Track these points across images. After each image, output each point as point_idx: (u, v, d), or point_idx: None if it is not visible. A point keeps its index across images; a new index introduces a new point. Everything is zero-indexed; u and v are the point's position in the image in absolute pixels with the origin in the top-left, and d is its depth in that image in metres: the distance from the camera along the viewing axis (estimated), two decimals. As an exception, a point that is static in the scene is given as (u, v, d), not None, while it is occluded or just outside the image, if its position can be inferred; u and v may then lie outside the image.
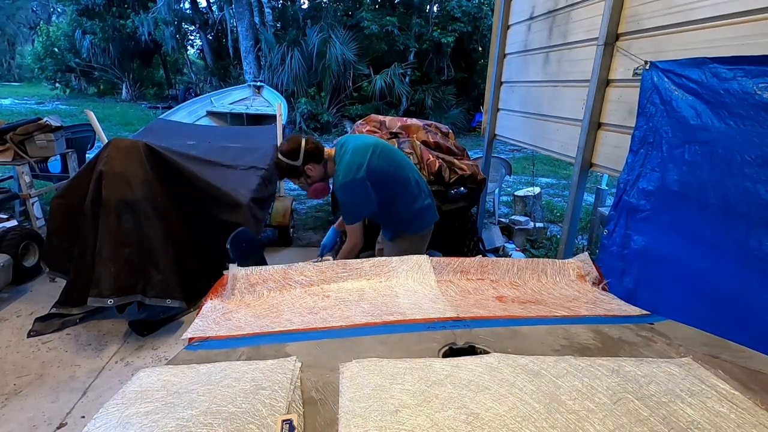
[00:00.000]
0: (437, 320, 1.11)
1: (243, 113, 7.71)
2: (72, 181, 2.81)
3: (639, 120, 2.08)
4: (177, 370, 0.82)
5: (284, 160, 2.11)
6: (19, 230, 3.33)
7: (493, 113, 4.09)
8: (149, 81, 18.72)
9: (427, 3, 13.71)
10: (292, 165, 2.10)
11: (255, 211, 3.31)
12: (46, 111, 12.87)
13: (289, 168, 2.12)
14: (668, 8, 2.01)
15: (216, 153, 3.87)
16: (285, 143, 2.13)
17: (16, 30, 25.03)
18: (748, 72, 1.55)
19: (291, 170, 2.13)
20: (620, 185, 2.18)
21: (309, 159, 2.11)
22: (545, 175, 7.97)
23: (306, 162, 2.11)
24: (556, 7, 2.98)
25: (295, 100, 11.79)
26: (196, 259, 2.99)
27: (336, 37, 11.74)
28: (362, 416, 0.67)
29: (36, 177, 4.23)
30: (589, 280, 1.47)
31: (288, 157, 2.10)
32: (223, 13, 14.97)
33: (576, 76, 2.74)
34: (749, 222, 1.54)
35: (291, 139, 2.13)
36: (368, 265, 1.46)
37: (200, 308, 1.22)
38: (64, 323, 2.77)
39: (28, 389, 2.25)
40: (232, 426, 0.64)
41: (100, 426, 0.67)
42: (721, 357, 0.89)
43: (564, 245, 2.89)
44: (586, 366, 0.81)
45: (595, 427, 0.65)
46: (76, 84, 18.20)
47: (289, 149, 2.10)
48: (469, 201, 3.49)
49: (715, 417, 0.68)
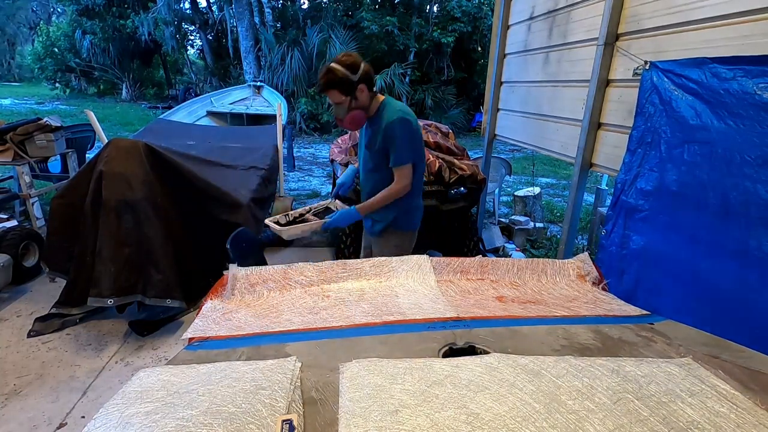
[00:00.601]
0: (437, 320, 1.11)
1: (243, 113, 7.71)
2: (72, 181, 2.81)
3: (637, 120, 2.08)
4: (177, 370, 0.82)
5: (341, 69, 1.86)
6: (19, 230, 3.33)
7: (493, 113, 4.09)
8: (149, 81, 18.73)
9: (427, 3, 13.71)
10: (349, 78, 1.87)
11: (255, 211, 3.31)
12: (46, 111, 12.87)
13: (344, 80, 1.87)
14: (668, 8, 2.01)
15: (216, 153, 3.87)
16: (343, 55, 1.92)
17: (16, 30, 25.04)
18: (748, 72, 1.55)
19: (344, 83, 1.87)
20: (618, 185, 2.18)
21: (364, 80, 1.91)
22: (545, 175, 7.97)
23: (360, 81, 1.90)
24: (556, 7, 2.98)
25: (295, 100, 11.79)
26: (196, 259, 2.99)
27: (336, 37, 11.75)
28: (362, 416, 0.67)
29: (36, 177, 4.23)
30: (589, 280, 1.47)
31: (347, 68, 1.86)
32: (223, 13, 14.97)
33: (576, 76, 2.74)
34: (749, 222, 1.54)
35: (350, 54, 1.93)
36: (368, 265, 1.46)
37: (200, 308, 1.22)
38: (64, 323, 2.77)
39: (28, 389, 2.25)
40: (232, 426, 0.64)
41: (100, 426, 0.67)
42: (721, 357, 0.89)
43: (564, 245, 2.89)
44: (586, 366, 0.81)
45: (595, 427, 0.65)
46: (76, 84, 18.21)
47: (351, 62, 1.88)
48: (469, 201, 3.49)
49: (715, 417, 0.68)
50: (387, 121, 1.94)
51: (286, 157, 6.67)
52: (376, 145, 2.00)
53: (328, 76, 1.87)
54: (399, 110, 1.96)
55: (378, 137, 1.98)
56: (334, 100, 1.92)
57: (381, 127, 1.95)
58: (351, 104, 1.93)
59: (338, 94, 1.90)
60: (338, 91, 1.89)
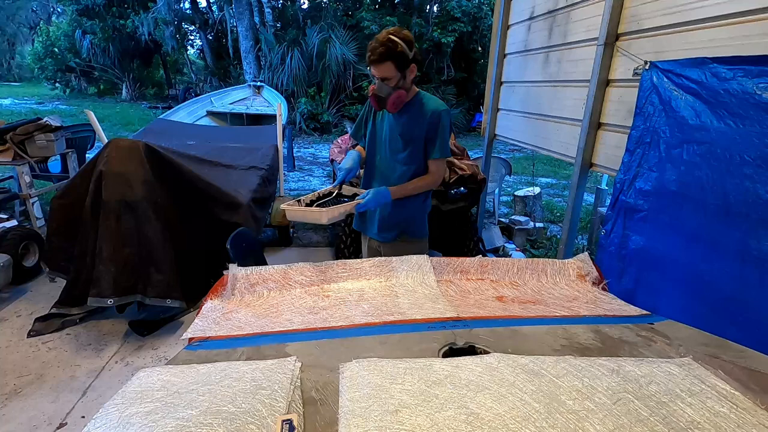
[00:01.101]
0: (437, 320, 1.11)
1: (243, 113, 7.71)
2: (72, 181, 2.81)
3: (636, 120, 2.08)
4: (177, 370, 0.82)
5: (401, 42, 1.74)
6: (19, 230, 3.33)
7: (493, 113, 4.09)
8: (149, 81, 18.73)
9: (427, 3, 13.72)
10: (406, 52, 1.76)
11: (255, 211, 3.31)
12: (46, 111, 12.87)
13: (403, 54, 1.75)
14: (668, 8, 2.01)
15: (216, 153, 3.87)
16: (397, 29, 1.79)
17: (16, 30, 25.03)
18: (748, 72, 1.55)
19: (402, 57, 1.76)
20: (617, 185, 2.18)
21: (415, 60, 1.83)
22: (545, 175, 7.97)
23: (413, 60, 1.81)
24: (556, 7, 2.98)
25: (295, 100, 11.79)
26: (196, 259, 2.99)
27: (336, 37, 11.75)
28: (362, 416, 0.66)
29: (36, 177, 4.22)
30: (589, 280, 1.47)
31: (405, 43, 1.75)
32: (223, 13, 14.97)
33: (576, 76, 2.74)
34: (748, 222, 1.54)
35: (403, 29, 1.81)
36: (368, 265, 1.46)
37: (200, 308, 1.22)
38: (64, 323, 2.77)
39: (28, 389, 2.25)
40: (232, 426, 0.64)
41: (100, 426, 0.67)
42: (721, 357, 0.89)
43: (564, 245, 2.89)
44: (586, 366, 0.81)
45: (595, 427, 0.65)
46: (76, 84, 18.21)
47: (408, 37, 1.78)
48: (469, 201, 3.49)
49: (715, 417, 0.68)
50: (434, 110, 1.86)
51: (286, 157, 6.67)
52: (413, 133, 1.89)
53: (388, 45, 1.72)
54: (441, 102, 1.91)
55: (419, 125, 1.87)
56: (384, 74, 1.76)
57: (425, 115, 1.86)
58: (398, 82, 1.80)
59: (392, 68, 1.76)
60: (393, 64, 1.75)
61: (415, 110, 1.88)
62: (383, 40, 1.72)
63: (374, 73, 1.78)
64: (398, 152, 1.94)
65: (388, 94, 1.80)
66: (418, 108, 1.87)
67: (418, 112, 1.87)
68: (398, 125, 1.91)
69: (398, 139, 1.92)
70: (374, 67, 1.76)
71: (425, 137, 1.88)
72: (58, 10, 22.19)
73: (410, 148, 1.92)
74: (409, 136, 1.89)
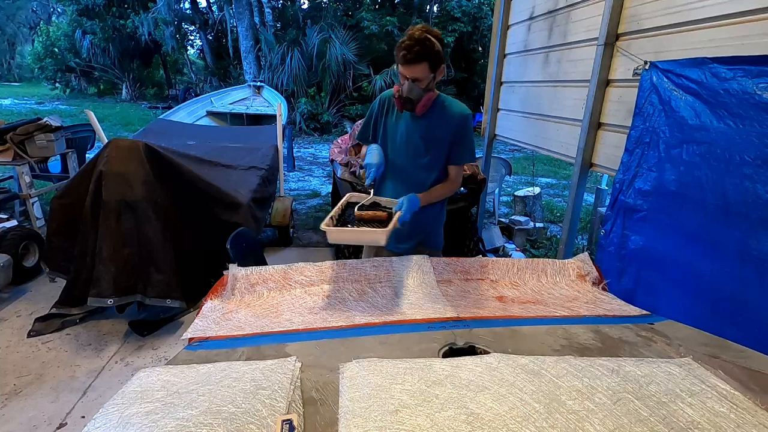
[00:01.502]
0: (437, 320, 1.11)
1: (243, 113, 7.72)
2: (72, 181, 2.81)
3: (635, 120, 2.08)
4: (177, 370, 0.82)
5: (437, 42, 1.62)
6: (19, 230, 3.32)
7: (493, 113, 4.09)
8: (149, 81, 18.74)
9: (427, 3, 13.73)
10: (441, 53, 1.65)
11: (255, 211, 3.31)
12: (46, 111, 12.87)
13: (438, 55, 1.64)
14: (668, 8, 2.01)
15: (216, 153, 3.87)
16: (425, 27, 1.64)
17: (16, 30, 25.04)
18: (748, 72, 1.55)
19: (437, 58, 1.64)
20: (616, 185, 2.19)
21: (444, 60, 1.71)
22: (545, 175, 7.97)
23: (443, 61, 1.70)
24: (556, 7, 2.98)
25: (295, 100, 11.80)
26: (196, 259, 2.99)
27: (336, 37, 11.75)
28: (362, 416, 0.66)
29: (36, 177, 4.22)
30: (589, 280, 1.47)
31: (439, 42, 1.64)
32: (223, 13, 14.98)
33: (576, 76, 2.74)
34: (748, 222, 1.54)
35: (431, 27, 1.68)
36: (368, 265, 1.46)
37: (200, 308, 1.22)
38: (64, 323, 2.76)
39: (28, 389, 2.25)
40: (232, 426, 0.64)
41: (100, 426, 0.67)
42: (721, 357, 0.89)
43: (564, 245, 2.89)
44: (586, 366, 0.81)
45: (595, 427, 0.65)
46: (76, 84, 18.22)
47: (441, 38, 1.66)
48: (469, 201, 3.49)
49: (715, 417, 0.68)
50: (461, 113, 1.77)
51: (286, 157, 6.67)
52: (437, 137, 1.77)
53: (426, 44, 1.58)
54: (465, 106, 1.82)
55: (444, 128, 1.76)
56: (418, 74, 1.62)
57: (451, 118, 1.76)
58: (429, 84, 1.68)
59: (426, 69, 1.62)
60: (428, 65, 1.62)
61: (439, 113, 1.76)
62: (420, 38, 1.57)
63: (406, 73, 1.62)
64: (419, 157, 1.81)
65: (419, 96, 1.66)
66: (440, 111, 1.76)
67: (441, 114, 1.76)
68: (419, 128, 1.77)
69: (419, 143, 1.79)
70: (408, 67, 1.61)
71: (451, 141, 1.78)
72: (58, 10, 22.19)
73: (433, 152, 1.80)
74: (432, 139, 1.78)
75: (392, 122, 1.82)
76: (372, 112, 1.89)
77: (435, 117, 1.75)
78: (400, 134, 1.80)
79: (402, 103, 1.70)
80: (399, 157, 1.83)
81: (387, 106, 1.83)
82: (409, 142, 1.80)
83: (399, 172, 1.84)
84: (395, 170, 1.85)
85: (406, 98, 1.66)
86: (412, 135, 1.78)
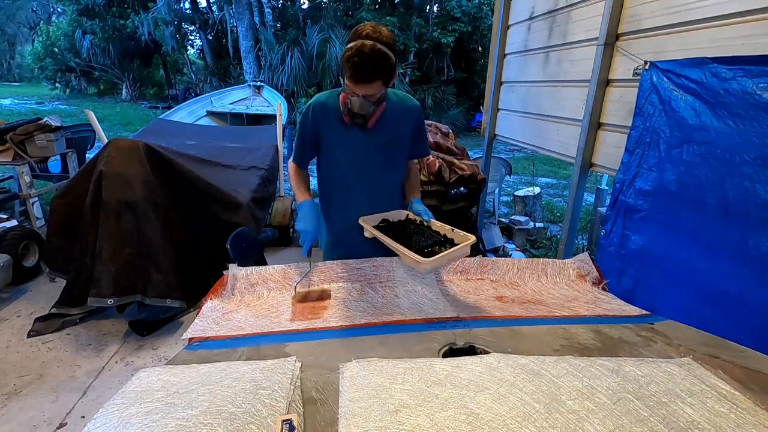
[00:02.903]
0: (437, 320, 1.11)
1: (243, 113, 7.71)
2: (72, 181, 2.81)
3: (636, 120, 2.08)
4: (177, 370, 0.82)
5: (391, 55, 1.38)
6: (19, 230, 3.32)
7: (493, 113, 4.09)
8: (149, 81, 18.74)
9: (427, 3, 13.72)
10: (395, 64, 1.42)
11: (255, 211, 3.31)
12: (46, 111, 12.86)
13: (393, 68, 1.41)
14: (668, 8, 2.01)
15: (216, 153, 3.87)
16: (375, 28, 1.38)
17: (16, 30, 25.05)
18: (748, 72, 1.55)
19: (392, 70, 1.41)
20: (617, 185, 2.18)
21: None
22: (545, 175, 7.97)
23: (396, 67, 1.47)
24: (556, 7, 2.98)
25: (295, 100, 11.79)
26: (196, 259, 2.99)
27: (336, 37, 11.74)
28: (362, 416, 0.66)
29: (36, 177, 4.22)
30: (589, 280, 1.47)
31: (393, 51, 1.39)
32: (223, 13, 14.97)
33: (576, 76, 2.74)
34: (748, 222, 1.54)
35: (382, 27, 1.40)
36: (368, 265, 1.46)
37: (200, 308, 1.22)
38: (64, 323, 2.76)
39: (28, 389, 2.25)
40: (232, 426, 0.64)
41: (100, 426, 0.67)
42: (721, 357, 0.89)
43: (564, 245, 2.89)
44: (586, 366, 0.81)
45: (595, 427, 0.65)
46: (76, 84, 18.21)
47: (394, 43, 1.41)
48: (469, 201, 3.49)
49: (715, 417, 0.68)
50: (415, 105, 1.64)
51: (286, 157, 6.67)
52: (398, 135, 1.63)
53: (380, 62, 1.35)
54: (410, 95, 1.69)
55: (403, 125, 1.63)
56: (370, 92, 1.41)
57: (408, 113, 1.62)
58: (382, 96, 1.49)
59: (380, 85, 1.41)
60: (382, 81, 1.40)
61: (393, 114, 1.58)
62: (371, 53, 1.33)
63: (356, 90, 1.41)
64: (386, 162, 1.65)
65: (372, 111, 1.48)
66: (394, 110, 1.59)
67: (397, 114, 1.60)
68: (377, 135, 1.58)
69: (382, 151, 1.62)
70: (362, 86, 1.39)
71: (411, 136, 1.67)
72: (58, 10, 22.19)
73: (397, 153, 1.67)
74: (394, 143, 1.63)
75: (339, 134, 1.59)
76: (305, 130, 1.63)
77: (391, 119, 1.58)
78: (355, 146, 1.60)
79: (351, 118, 1.50)
80: (362, 169, 1.64)
81: (323, 117, 1.58)
82: (369, 152, 1.61)
83: (368, 184, 1.66)
84: (362, 183, 1.65)
85: (358, 114, 1.47)
86: (371, 144, 1.60)
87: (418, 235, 1.45)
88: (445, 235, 1.42)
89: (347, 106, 1.48)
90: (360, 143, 1.59)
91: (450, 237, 1.39)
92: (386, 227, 1.52)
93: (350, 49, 1.35)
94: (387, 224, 1.55)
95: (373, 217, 1.54)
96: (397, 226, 1.54)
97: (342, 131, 1.58)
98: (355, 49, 1.33)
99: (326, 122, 1.58)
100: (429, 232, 1.46)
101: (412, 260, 1.20)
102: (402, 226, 1.55)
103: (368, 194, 1.66)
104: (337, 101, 1.54)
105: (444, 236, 1.42)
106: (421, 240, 1.40)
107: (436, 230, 1.46)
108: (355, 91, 1.42)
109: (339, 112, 1.54)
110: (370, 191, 1.66)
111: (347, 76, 1.38)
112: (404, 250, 1.24)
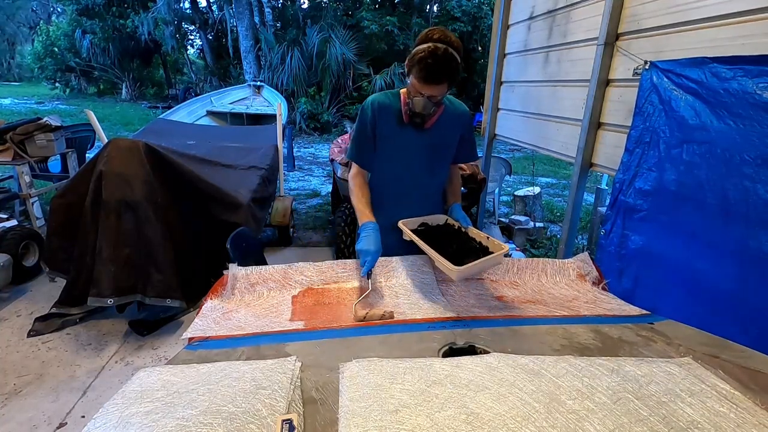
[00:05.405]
0: (437, 320, 1.11)
1: (243, 113, 7.71)
2: (72, 181, 2.81)
3: (635, 119, 2.08)
4: (177, 370, 0.82)
5: (459, 59, 1.45)
6: (19, 230, 3.32)
7: (493, 113, 4.08)
8: (149, 81, 18.74)
9: (427, 3, 13.74)
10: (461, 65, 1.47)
11: (255, 211, 3.30)
12: (46, 111, 12.86)
13: (459, 70, 1.47)
14: (668, 8, 2.01)
15: (216, 153, 3.87)
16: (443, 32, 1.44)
17: (16, 30, 25.05)
18: (748, 72, 1.55)
19: (459, 73, 1.48)
20: (616, 185, 2.18)
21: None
22: (545, 175, 7.97)
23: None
24: (556, 7, 2.98)
25: (295, 99, 11.80)
26: (196, 258, 2.99)
27: (336, 37, 11.75)
28: (362, 416, 0.66)
29: (36, 177, 4.22)
30: (589, 279, 1.47)
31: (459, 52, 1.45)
32: (223, 13, 14.98)
33: (576, 75, 2.74)
34: (748, 222, 1.54)
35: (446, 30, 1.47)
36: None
37: (200, 308, 1.22)
38: (64, 323, 2.76)
39: (28, 389, 2.25)
40: (232, 426, 0.64)
41: (100, 426, 0.67)
42: (721, 357, 0.89)
43: (564, 245, 2.89)
44: (586, 366, 0.81)
45: (595, 426, 0.65)
46: (76, 84, 18.22)
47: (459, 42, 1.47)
48: (469, 201, 3.49)
49: (715, 417, 0.68)
50: (465, 111, 1.69)
51: (286, 157, 6.67)
52: (448, 140, 1.68)
53: (452, 66, 1.41)
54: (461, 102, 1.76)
55: (454, 129, 1.67)
56: (436, 92, 1.46)
57: (459, 118, 1.67)
58: (442, 98, 1.54)
59: (446, 87, 1.48)
60: (448, 83, 1.47)
61: (445, 118, 1.63)
62: (443, 56, 1.38)
63: (422, 90, 1.45)
64: (432, 167, 1.69)
65: (432, 112, 1.53)
66: (446, 115, 1.63)
67: (449, 118, 1.64)
68: (428, 138, 1.63)
69: (431, 153, 1.67)
70: (429, 87, 1.44)
71: (459, 141, 1.71)
72: (58, 10, 22.19)
73: (444, 158, 1.72)
74: (442, 147, 1.68)
75: (391, 134, 1.63)
76: (365, 127, 1.64)
77: (443, 123, 1.62)
78: (406, 148, 1.64)
79: (411, 117, 1.55)
80: (409, 169, 1.67)
81: (380, 116, 1.62)
82: (420, 152, 1.65)
83: (413, 184, 1.70)
84: (408, 182, 1.69)
85: (420, 114, 1.52)
86: (421, 147, 1.64)
87: (454, 241, 1.45)
88: (480, 242, 1.43)
89: (408, 106, 1.53)
90: (412, 143, 1.64)
91: (485, 245, 1.41)
92: (424, 231, 1.53)
93: (423, 50, 1.39)
94: (425, 228, 1.56)
95: (412, 221, 1.56)
96: (435, 231, 1.55)
97: (397, 130, 1.63)
98: (429, 51, 1.38)
99: (382, 121, 1.62)
100: (465, 239, 1.47)
101: (445, 267, 1.21)
102: (440, 231, 1.55)
103: (411, 194, 1.71)
104: (393, 100, 1.61)
105: (479, 244, 1.43)
106: (456, 246, 1.39)
107: (472, 237, 1.47)
108: (421, 91, 1.46)
109: (396, 111, 1.60)
110: (413, 191, 1.71)
111: (417, 76, 1.43)
112: (438, 257, 1.25)
